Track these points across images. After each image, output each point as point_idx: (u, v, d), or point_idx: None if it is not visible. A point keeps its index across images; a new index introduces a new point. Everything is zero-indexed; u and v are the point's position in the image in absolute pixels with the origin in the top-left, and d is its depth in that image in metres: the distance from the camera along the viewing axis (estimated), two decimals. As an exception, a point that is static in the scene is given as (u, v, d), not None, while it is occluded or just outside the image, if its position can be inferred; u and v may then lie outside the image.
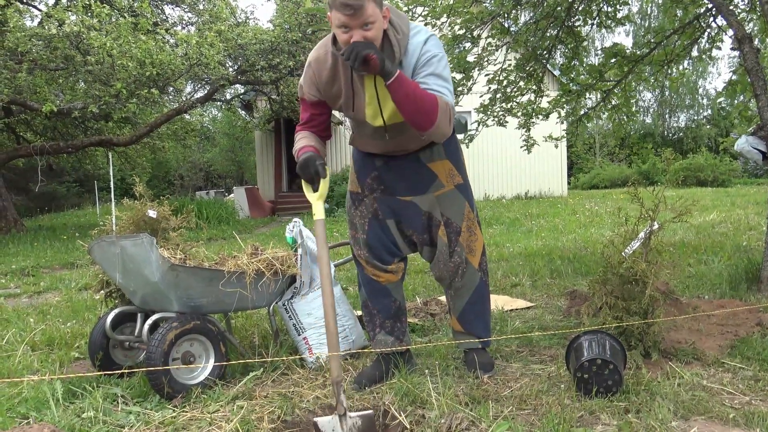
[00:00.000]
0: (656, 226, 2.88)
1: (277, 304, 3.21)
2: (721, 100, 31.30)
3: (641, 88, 8.24)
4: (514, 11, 6.00)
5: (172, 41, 12.08)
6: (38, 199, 20.44)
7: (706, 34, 6.23)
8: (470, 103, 7.83)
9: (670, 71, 6.67)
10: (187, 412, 2.52)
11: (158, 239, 3.17)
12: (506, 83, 6.38)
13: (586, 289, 4.34)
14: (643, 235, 2.91)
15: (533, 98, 6.65)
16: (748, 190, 18.25)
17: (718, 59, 36.12)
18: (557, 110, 6.76)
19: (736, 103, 6.98)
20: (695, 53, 6.58)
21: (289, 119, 16.04)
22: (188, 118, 16.83)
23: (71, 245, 9.94)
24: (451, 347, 3.23)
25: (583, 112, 6.95)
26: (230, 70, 12.61)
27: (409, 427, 2.27)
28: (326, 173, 2.48)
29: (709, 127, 33.11)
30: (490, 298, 2.98)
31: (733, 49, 4.65)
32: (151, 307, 2.90)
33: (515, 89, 6.47)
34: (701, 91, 35.01)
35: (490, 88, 6.38)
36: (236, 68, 12.89)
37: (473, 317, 2.90)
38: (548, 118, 6.77)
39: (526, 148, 6.89)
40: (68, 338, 3.81)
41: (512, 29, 6.32)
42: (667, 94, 34.09)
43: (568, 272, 5.40)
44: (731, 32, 4.35)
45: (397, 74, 2.28)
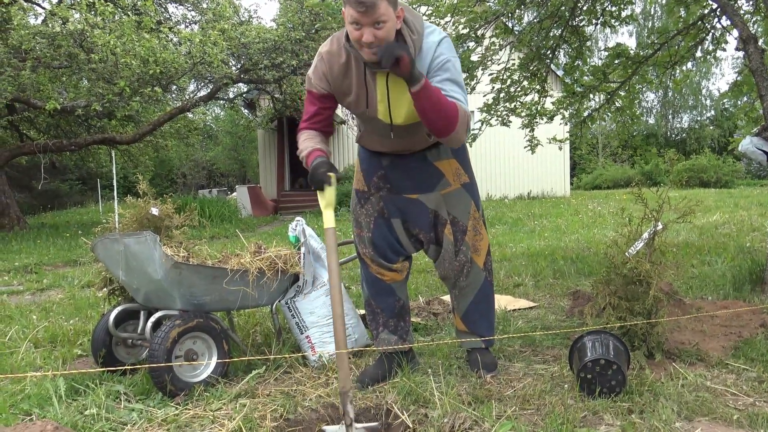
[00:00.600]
0: (660, 226, 2.88)
1: (279, 302, 3.20)
2: (724, 101, 31.26)
3: (644, 89, 8.23)
4: (518, 11, 6.00)
5: (175, 40, 12.08)
6: (41, 196, 20.47)
7: (710, 35, 6.22)
8: (474, 102, 7.80)
9: (674, 72, 6.66)
10: (189, 409, 2.52)
11: (161, 237, 3.18)
12: (510, 83, 6.38)
13: (589, 289, 4.34)
14: (647, 235, 2.90)
15: (537, 98, 6.64)
16: (751, 191, 18.21)
17: (721, 60, 36.11)
18: (561, 112, 6.75)
19: (740, 103, 6.96)
20: (699, 54, 6.57)
21: (291, 118, 16.05)
22: (191, 116, 16.83)
23: (74, 243, 9.95)
24: (454, 346, 3.23)
25: (587, 113, 6.94)
26: (233, 68, 12.60)
27: (411, 426, 2.27)
28: (333, 181, 2.40)
29: (712, 128, 33.07)
30: (494, 298, 2.97)
31: (737, 49, 4.64)
32: (154, 304, 2.90)
33: (519, 89, 6.47)
34: (704, 92, 34.97)
35: (493, 87, 6.37)
36: (239, 67, 12.88)
37: (477, 317, 2.90)
38: (552, 120, 6.77)
39: (530, 148, 6.88)
40: (71, 335, 3.81)
41: (516, 29, 6.32)
42: (670, 95, 34.05)
43: (571, 272, 5.39)
44: (736, 33, 4.34)
45: (423, 82, 2.26)
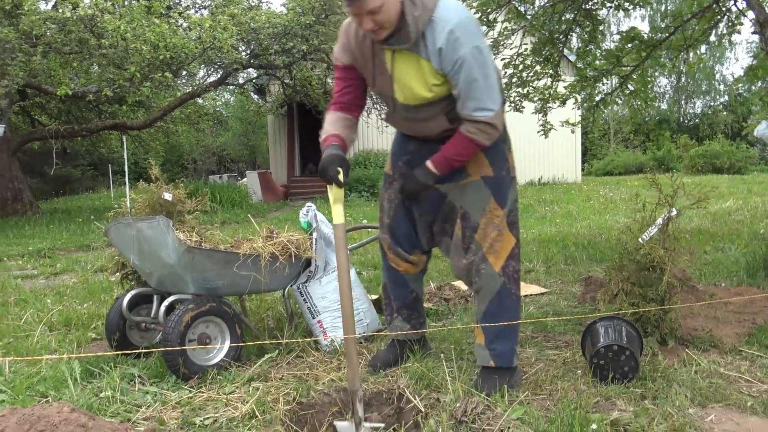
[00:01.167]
0: (674, 212, 2.85)
1: (291, 287, 3.21)
2: (738, 86, 30.86)
3: (657, 73, 8.15)
4: (531, -6, 5.93)
5: (185, 25, 12.07)
6: (53, 182, 20.58)
7: (725, 17, 6.12)
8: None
9: (687, 56, 6.57)
10: (203, 392, 2.54)
11: (174, 222, 3.18)
12: (522, 68, 6.32)
13: (601, 275, 4.33)
14: (660, 221, 2.88)
15: (549, 83, 6.59)
16: (765, 177, 18.05)
17: (736, 44, 35.55)
18: (574, 96, 6.69)
19: (755, 88, 6.88)
20: (713, 38, 6.48)
21: (301, 104, 16.00)
22: (201, 102, 16.85)
23: (86, 228, 10.02)
24: (465, 332, 3.23)
25: (599, 97, 6.88)
26: (243, 54, 12.58)
27: (423, 410, 2.28)
28: (342, 181, 2.31)
29: (725, 113, 32.67)
30: (517, 313, 2.61)
31: (754, 32, 4.57)
32: (167, 288, 2.92)
33: (531, 74, 6.41)
34: (718, 76, 34.51)
35: (506, 72, 6.32)
36: (249, 52, 12.85)
37: (492, 330, 2.57)
38: (565, 104, 6.71)
39: (543, 132, 6.84)
40: (85, 319, 3.84)
41: (528, 13, 6.25)
42: (683, 80, 33.66)
43: (582, 258, 5.37)
44: (752, 15, 4.27)
45: (437, 171, 2.45)
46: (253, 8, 12.77)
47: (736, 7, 5.87)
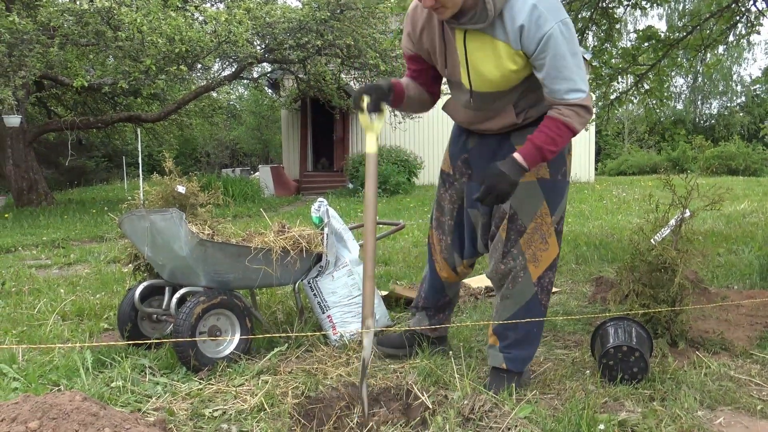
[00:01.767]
0: (688, 213, 2.83)
1: (302, 281, 3.23)
2: (756, 87, 30.52)
3: (673, 73, 8.08)
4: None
5: (201, 18, 12.10)
6: (68, 173, 20.77)
7: (744, 18, 6.07)
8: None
9: (705, 56, 6.52)
10: (213, 384, 2.56)
11: (187, 215, 3.20)
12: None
13: (612, 275, 4.31)
14: (673, 222, 2.86)
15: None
16: (781, 180, 17.85)
17: (754, 45, 35.14)
18: (589, 94, 6.65)
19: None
20: (732, 38, 6.42)
21: (315, 99, 16.02)
22: (215, 95, 16.91)
23: (100, 219, 10.11)
24: (474, 329, 3.23)
25: (614, 96, 6.84)
26: (258, 48, 12.60)
27: (431, 407, 2.28)
28: (364, 106, 2.17)
29: (742, 114, 32.33)
30: (541, 328, 2.53)
31: (773, 33, 4.52)
32: (179, 281, 2.94)
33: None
34: (735, 77, 34.15)
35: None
36: (264, 46, 12.87)
37: (512, 341, 2.47)
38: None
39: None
40: (97, 309, 3.88)
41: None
42: (700, 80, 33.34)
43: (594, 258, 5.35)
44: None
45: (526, 165, 2.17)
46: (268, 3, 12.78)
47: (755, 7, 5.82)
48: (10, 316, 3.80)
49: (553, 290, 4.23)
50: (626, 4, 6.11)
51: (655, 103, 6.82)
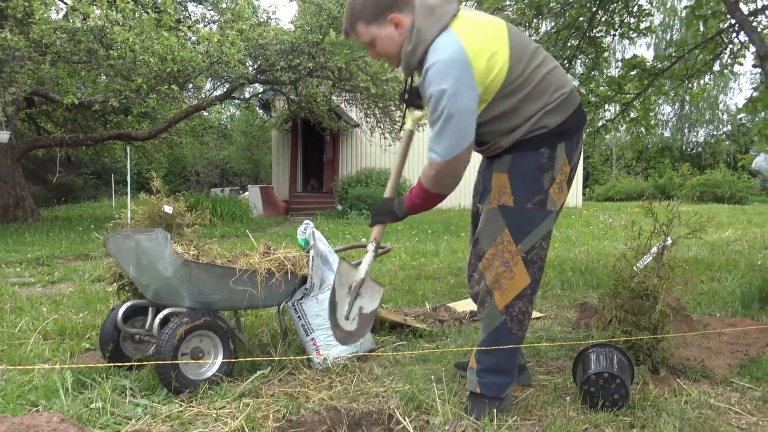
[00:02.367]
0: (669, 241, 2.87)
1: (286, 303, 3.22)
2: (741, 116, 30.95)
3: (660, 101, 8.21)
4: (535, 20, 5.99)
5: (193, 38, 12.17)
6: (56, 189, 20.64)
7: (728, 49, 6.19)
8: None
9: (690, 85, 6.63)
10: (193, 407, 2.54)
11: (173, 235, 3.20)
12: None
13: (596, 301, 4.33)
14: (655, 249, 2.89)
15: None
16: (765, 208, 18.06)
17: (739, 75, 35.78)
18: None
19: (757, 120, 6.91)
20: (717, 68, 6.54)
21: (306, 120, 16.11)
22: (206, 115, 16.94)
23: (86, 237, 10.04)
24: (458, 354, 3.23)
25: (600, 123, 6.92)
26: (250, 69, 12.67)
27: (413, 432, 2.28)
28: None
29: (728, 143, 32.78)
30: (516, 359, 2.50)
31: (755, 66, 4.62)
32: (162, 301, 2.93)
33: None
34: (722, 106, 34.67)
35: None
36: (256, 67, 12.96)
37: (487, 362, 2.47)
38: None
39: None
40: (80, 329, 3.85)
41: (533, 38, 6.31)
42: (686, 108, 33.82)
43: (579, 284, 5.38)
44: (753, 48, 4.32)
45: (406, 208, 2.54)
46: (261, 24, 12.89)
47: (738, 39, 5.94)
48: (-10, 334, 3.76)
49: (538, 316, 4.26)
50: (613, 33, 6.22)
51: (641, 131, 6.91)
